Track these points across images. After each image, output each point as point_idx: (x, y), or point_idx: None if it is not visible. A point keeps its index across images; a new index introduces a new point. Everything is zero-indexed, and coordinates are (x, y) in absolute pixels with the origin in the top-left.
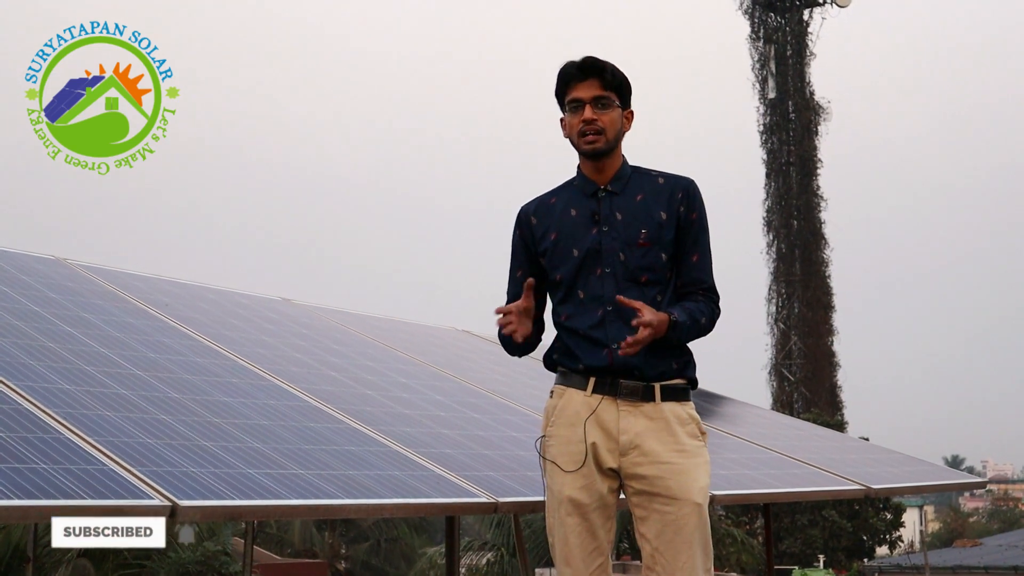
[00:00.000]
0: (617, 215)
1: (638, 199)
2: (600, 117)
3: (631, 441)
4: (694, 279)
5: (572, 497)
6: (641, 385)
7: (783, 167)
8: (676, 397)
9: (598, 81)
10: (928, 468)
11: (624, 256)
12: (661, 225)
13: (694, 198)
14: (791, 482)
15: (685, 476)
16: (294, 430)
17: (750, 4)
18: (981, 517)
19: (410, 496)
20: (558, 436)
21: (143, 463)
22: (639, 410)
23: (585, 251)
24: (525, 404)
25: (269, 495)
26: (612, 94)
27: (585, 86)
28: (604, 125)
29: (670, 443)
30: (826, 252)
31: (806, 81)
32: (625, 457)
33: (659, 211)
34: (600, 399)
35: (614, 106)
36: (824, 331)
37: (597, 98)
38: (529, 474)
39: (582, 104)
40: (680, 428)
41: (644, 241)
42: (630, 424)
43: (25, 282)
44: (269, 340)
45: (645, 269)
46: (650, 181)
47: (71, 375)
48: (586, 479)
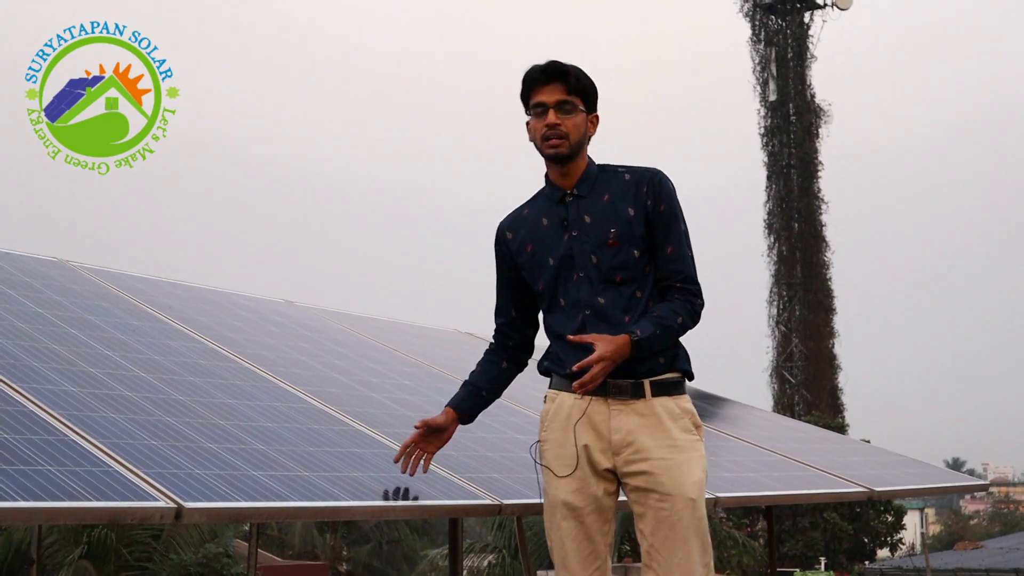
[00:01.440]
0: (585, 218)
1: (605, 199)
2: (564, 122)
3: (623, 439)
4: (671, 271)
5: (566, 501)
6: (630, 382)
7: (784, 170)
8: (667, 391)
9: (562, 85)
10: (930, 471)
11: (596, 258)
12: (629, 222)
13: (661, 188)
14: (794, 484)
15: (678, 471)
16: (298, 432)
17: (751, 7)
18: (982, 520)
19: (414, 498)
20: (552, 440)
21: (148, 465)
22: (630, 407)
23: (559, 258)
24: (528, 406)
25: (274, 497)
26: (576, 98)
27: (549, 90)
28: (568, 130)
29: (662, 438)
30: (827, 255)
31: (807, 84)
32: (618, 456)
33: (626, 208)
34: (590, 400)
35: (578, 111)
36: (825, 333)
37: (561, 102)
38: (532, 476)
39: (546, 108)
40: (672, 423)
41: (614, 240)
42: (621, 422)
43: (29, 284)
44: (273, 342)
45: (618, 269)
46: (616, 179)
47: (76, 377)
48: (580, 482)
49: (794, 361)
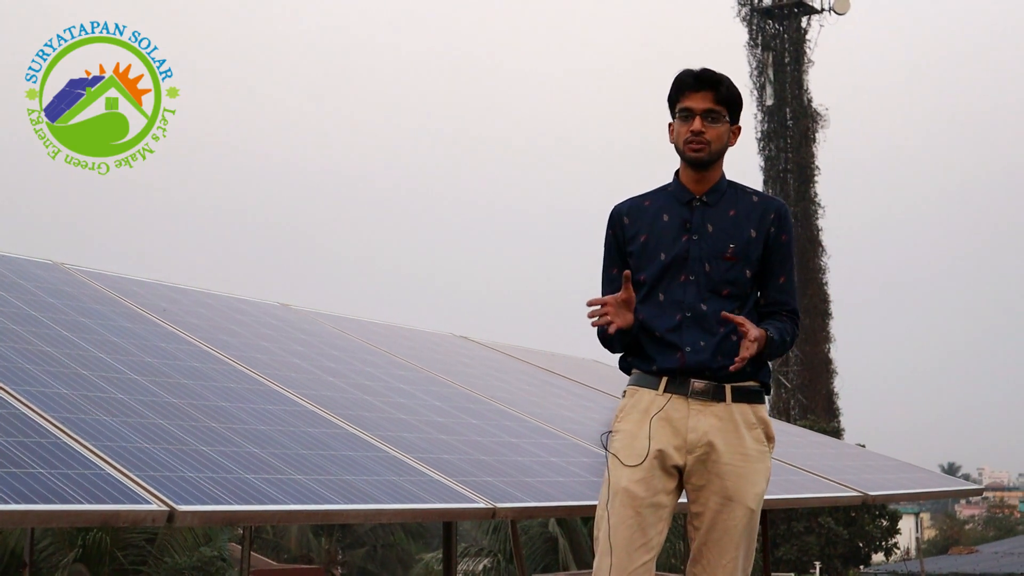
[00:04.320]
0: (708, 226)
1: (731, 214)
2: (708, 130)
3: (699, 439)
4: (780, 300)
5: (627, 488)
6: (712, 385)
7: (781, 174)
8: (747, 399)
9: (712, 94)
10: (925, 475)
11: (709, 267)
12: (749, 242)
13: (785, 221)
14: (789, 489)
15: (744, 480)
16: (292, 435)
17: (748, 11)
18: (977, 524)
19: (408, 502)
20: (624, 431)
21: (141, 468)
22: (709, 409)
23: (672, 256)
24: (523, 410)
25: (267, 500)
26: (723, 108)
27: (699, 97)
28: (711, 138)
29: (735, 445)
30: (823, 259)
31: (804, 88)
32: (691, 455)
33: (750, 228)
34: (670, 397)
35: (723, 120)
36: (821, 338)
37: (708, 111)
38: (527, 480)
39: (693, 114)
40: (747, 431)
41: (731, 255)
42: (699, 422)
43: (23, 287)
44: (268, 345)
45: (728, 283)
46: (744, 198)
47: (69, 380)
48: (645, 472)
49: (790, 365)
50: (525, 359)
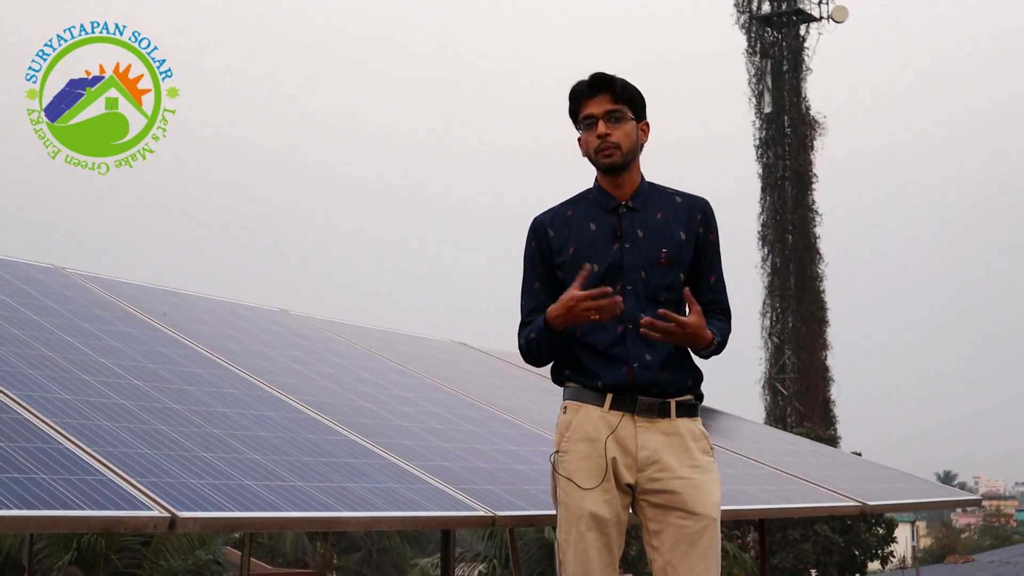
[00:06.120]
0: (639, 232)
1: (659, 217)
2: (614, 131)
3: (649, 457)
4: (713, 300)
5: (594, 512)
6: (658, 402)
7: (778, 181)
8: (689, 413)
9: (608, 95)
10: (922, 485)
11: (646, 274)
12: (680, 245)
13: (711, 219)
14: (787, 498)
15: (700, 491)
16: (292, 442)
17: (747, 19)
18: (973, 533)
19: (408, 509)
20: (574, 452)
21: (142, 474)
22: (655, 426)
23: (606, 266)
24: (523, 417)
25: (267, 507)
26: (624, 107)
27: (596, 102)
28: (618, 139)
29: (685, 459)
30: (820, 267)
31: (802, 96)
32: (642, 473)
33: (679, 231)
34: (620, 416)
35: (627, 119)
36: (818, 345)
37: (609, 112)
38: (527, 487)
39: (595, 120)
40: (694, 444)
41: (665, 260)
42: (647, 440)
43: (24, 291)
44: (268, 351)
45: (665, 288)
46: (668, 199)
47: (70, 385)
48: (607, 494)
49: (787, 373)
50: (525, 366)
